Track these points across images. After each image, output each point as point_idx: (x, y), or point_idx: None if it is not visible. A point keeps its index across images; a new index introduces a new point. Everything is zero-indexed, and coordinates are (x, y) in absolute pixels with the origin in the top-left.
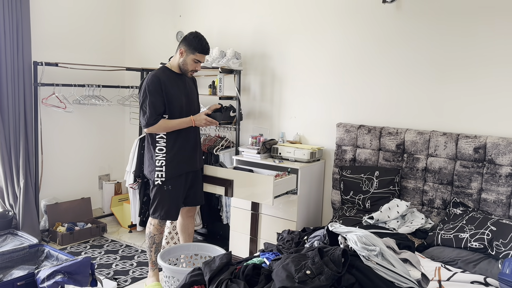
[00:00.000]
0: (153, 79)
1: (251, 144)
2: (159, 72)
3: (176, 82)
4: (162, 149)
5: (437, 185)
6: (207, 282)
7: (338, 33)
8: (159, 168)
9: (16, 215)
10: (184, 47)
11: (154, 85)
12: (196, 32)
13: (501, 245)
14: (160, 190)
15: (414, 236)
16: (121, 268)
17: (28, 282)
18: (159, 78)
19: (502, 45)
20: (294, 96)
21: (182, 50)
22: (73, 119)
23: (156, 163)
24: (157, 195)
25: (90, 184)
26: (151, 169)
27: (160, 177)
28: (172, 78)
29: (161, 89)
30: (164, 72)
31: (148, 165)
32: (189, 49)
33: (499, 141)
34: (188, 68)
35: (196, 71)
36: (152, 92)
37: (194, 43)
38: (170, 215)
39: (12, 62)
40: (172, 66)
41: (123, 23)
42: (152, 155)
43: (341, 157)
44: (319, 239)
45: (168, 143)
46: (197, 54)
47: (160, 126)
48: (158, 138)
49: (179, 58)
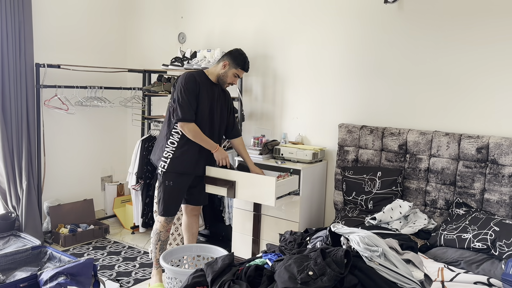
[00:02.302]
0: (191, 78)
1: (253, 145)
2: (196, 73)
3: (209, 89)
4: (173, 142)
5: (440, 186)
6: (209, 283)
7: (340, 34)
8: (164, 158)
9: (19, 217)
10: (228, 61)
11: (192, 83)
12: (241, 50)
13: (504, 245)
14: (162, 184)
15: (417, 237)
16: (123, 270)
17: (31, 284)
18: (195, 78)
19: (505, 45)
20: (296, 96)
21: (226, 63)
22: (75, 121)
23: (164, 154)
24: (160, 190)
25: (92, 186)
26: (158, 157)
27: (162, 167)
28: (207, 83)
29: (196, 89)
30: (201, 76)
31: (157, 152)
32: (233, 63)
33: (501, 141)
34: (227, 80)
35: (233, 84)
36: (189, 90)
37: (239, 59)
38: (168, 212)
39: (14, 64)
40: (210, 74)
41: (125, 25)
42: (163, 145)
43: (343, 157)
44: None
45: (180, 140)
46: (239, 69)
47: (191, 129)
48: (173, 132)
49: (221, 70)
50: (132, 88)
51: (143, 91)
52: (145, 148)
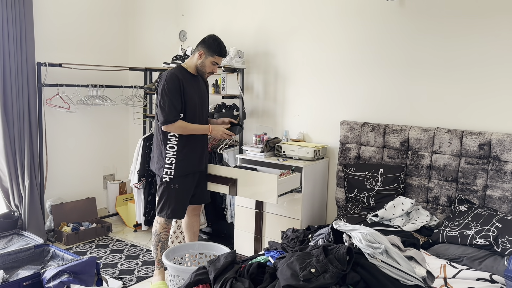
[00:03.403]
0: (173, 77)
1: (255, 143)
2: (177, 71)
3: (192, 82)
4: (173, 147)
5: (442, 182)
6: (211, 281)
7: (342, 31)
8: (168, 165)
9: (22, 216)
10: (203, 50)
11: (174, 83)
12: (214, 35)
13: (507, 242)
14: (167, 188)
15: (419, 234)
16: (126, 268)
17: (34, 282)
18: (177, 76)
19: (507, 41)
20: (298, 94)
21: (201, 53)
22: (77, 120)
23: (166, 160)
24: (164, 194)
25: (94, 184)
26: (160, 166)
27: (169, 174)
28: (188, 78)
29: (179, 88)
30: (181, 72)
31: (156, 161)
32: (208, 51)
33: (504, 137)
34: (206, 70)
35: (213, 73)
36: (172, 90)
37: (213, 46)
38: (177, 214)
39: (16, 63)
40: (188, 67)
41: (126, 23)
42: (161, 152)
43: (345, 155)
44: (324, 237)
45: (179, 142)
46: (216, 56)
47: (178, 126)
48: (170, 136)
49: (197, 60)
50: (134, 86)
51: (145, 89)
52: (147, 146)
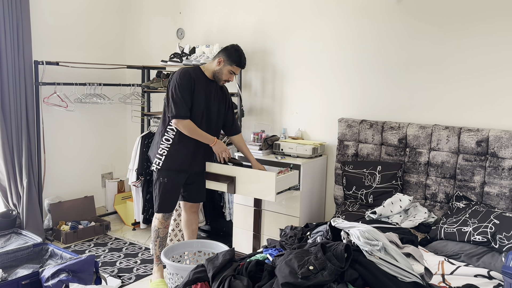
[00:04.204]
0: (186, 74)
1: (253, 141)
2: (192, 69)
3: (205, 85)
4: (168, 139)
5: (440, 179)
6: (210, 278)
7: (339, 28)
8: (159, 155)
9: (20, 215)
10: (223, 57)
11: (186, 79)
12: (237, 45)
13: (505, 238)
14: (157, 181)
15: (417, 230)
16: (125, 266)
17: (33, 281)
18: (190, 74)
19: (503, 40)
20: (296, 91)
21: (221, 60)
22: (75, 118)
23: (159, 151)
24: (155, 187)
25: (93, 183)
26: (154, 154)
27: (157, 164)
28: (203, 80)
29: (191, 85)
30: (196, 72)
31: (153, 148)
32: (228, 60)
33: (501, 134)
34: (222, 77)
35: (229, 81)
36: (184, 86)
37: (234, 56)
38: (163, 208)
39: (13, 61)
40: (206, 70)
41: (123, 21)
42: (158, 141)
43: (343, 152)
44: (322, 234)
45: (175, 137)
46: (234, 66)
47: (187, 125)
48: (169, 128)
49: (216, 66)
50: (131, 84)
51: (142, 88)
52: (145, 145)
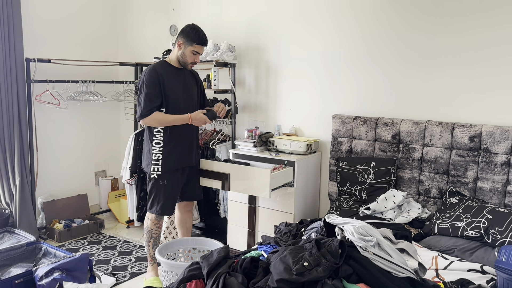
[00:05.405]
0: (151, 72)
1: (247, 138)
2: (157, 65)
3: (175, 76)
4: (159, 142)
5: (433, 175)
6: (205, 276)
7: (332, 25)
8: (155, 161)
9: (13, 213)
10: (182, 40)
11: (151, 77)
12: (193, 24)
13: (497, 233)
14: (156, 184)
15: (410, 226)
16: (119, 264)
17: (26, 280)
18: (156, 70)
19: (496, 35)
20: (290, 88)
21: (180, 43)
22: (67, 116)
23: (153, 157)
24: (153, 190)
25: (86, 181)
26: (148, 163)
27: (156, 170)
28: (170, 72)
29: (158, 82)
30: (163, 66)
31: (145, 158)
32: (187, 41)
33: (494, 129)
34: (187, 60)
35: (196, 63)
36: (149, 84)
37: (192, 34)
38: (166, 210)
39: (4, 59)
40: (171, 60)
41: (115, 18)
42: (149, 149)
43: (337, 148)
44: (316, 231)
45: (165, 137)
46: (195, 45)
47: (154, 119)
48: (155, 132)
49: (178, 51)
50: (124, 81)
51: (135, 85)
52: (139, 142)
